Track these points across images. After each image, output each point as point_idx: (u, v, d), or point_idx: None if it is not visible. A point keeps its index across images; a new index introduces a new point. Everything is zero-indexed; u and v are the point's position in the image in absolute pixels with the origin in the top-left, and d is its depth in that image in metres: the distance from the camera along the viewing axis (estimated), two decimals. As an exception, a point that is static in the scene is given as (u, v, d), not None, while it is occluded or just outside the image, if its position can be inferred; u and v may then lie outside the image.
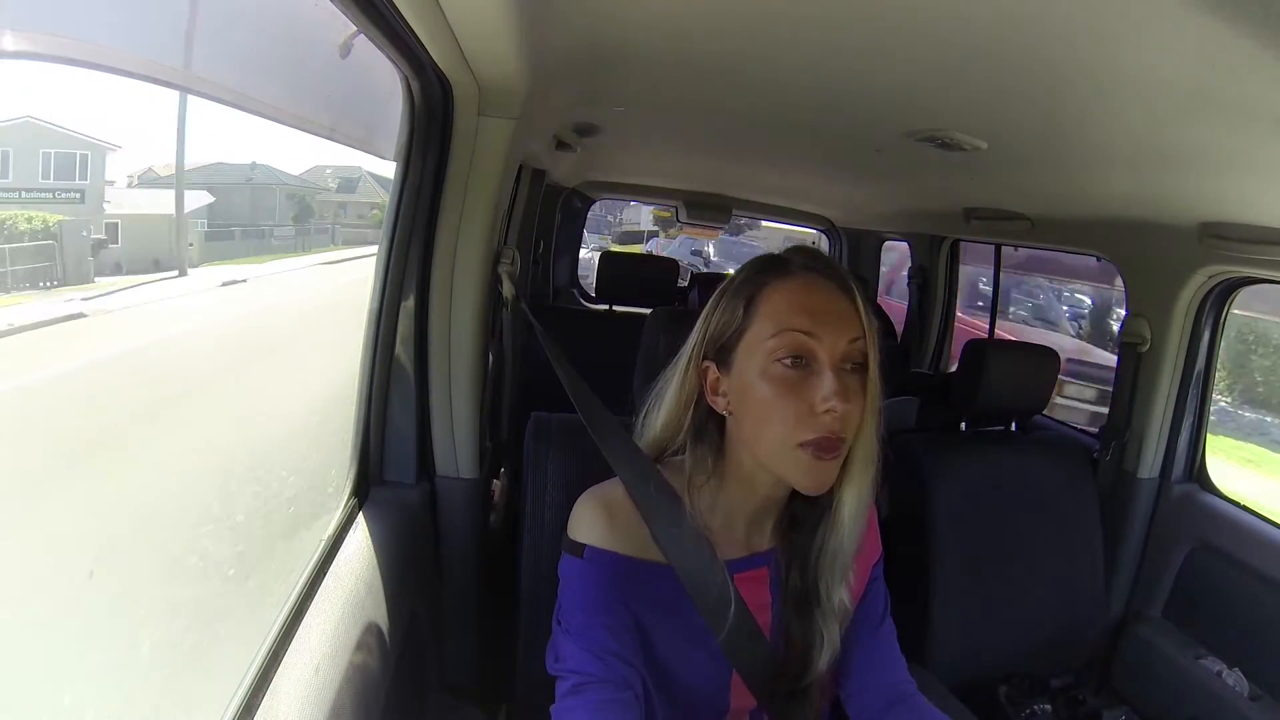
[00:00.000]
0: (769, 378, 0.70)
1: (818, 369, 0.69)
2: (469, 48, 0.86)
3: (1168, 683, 1.47)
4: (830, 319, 0.70)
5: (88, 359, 0.70)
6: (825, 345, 0.69)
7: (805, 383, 0.69)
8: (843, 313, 0.71)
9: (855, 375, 0.70)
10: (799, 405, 0.69)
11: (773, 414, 0.70)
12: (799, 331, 0.70)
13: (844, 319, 0.70)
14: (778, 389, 0.70)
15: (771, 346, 0.70)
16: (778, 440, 0.70)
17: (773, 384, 0.70)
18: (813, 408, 0.68)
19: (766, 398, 0.70)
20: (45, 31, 0.52)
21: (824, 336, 0.69)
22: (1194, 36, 0.62)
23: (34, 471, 0.56)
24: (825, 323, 0.70)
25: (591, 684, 0.70)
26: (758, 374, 0.71)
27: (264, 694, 0.63)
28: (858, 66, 0.94)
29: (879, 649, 0.85)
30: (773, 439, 0.70)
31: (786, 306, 0.71)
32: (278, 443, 1.03)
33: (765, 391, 0.70)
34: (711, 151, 2.16)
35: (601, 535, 0.75)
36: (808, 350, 0.70)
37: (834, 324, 0.70)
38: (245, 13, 0.79)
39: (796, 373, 0.70)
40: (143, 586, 0.66)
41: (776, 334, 0.70)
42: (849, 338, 0.70)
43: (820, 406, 0.68)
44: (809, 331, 0.69)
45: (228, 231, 0.95)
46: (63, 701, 0.52)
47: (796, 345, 0.70)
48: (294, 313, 1.19)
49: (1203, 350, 1.55)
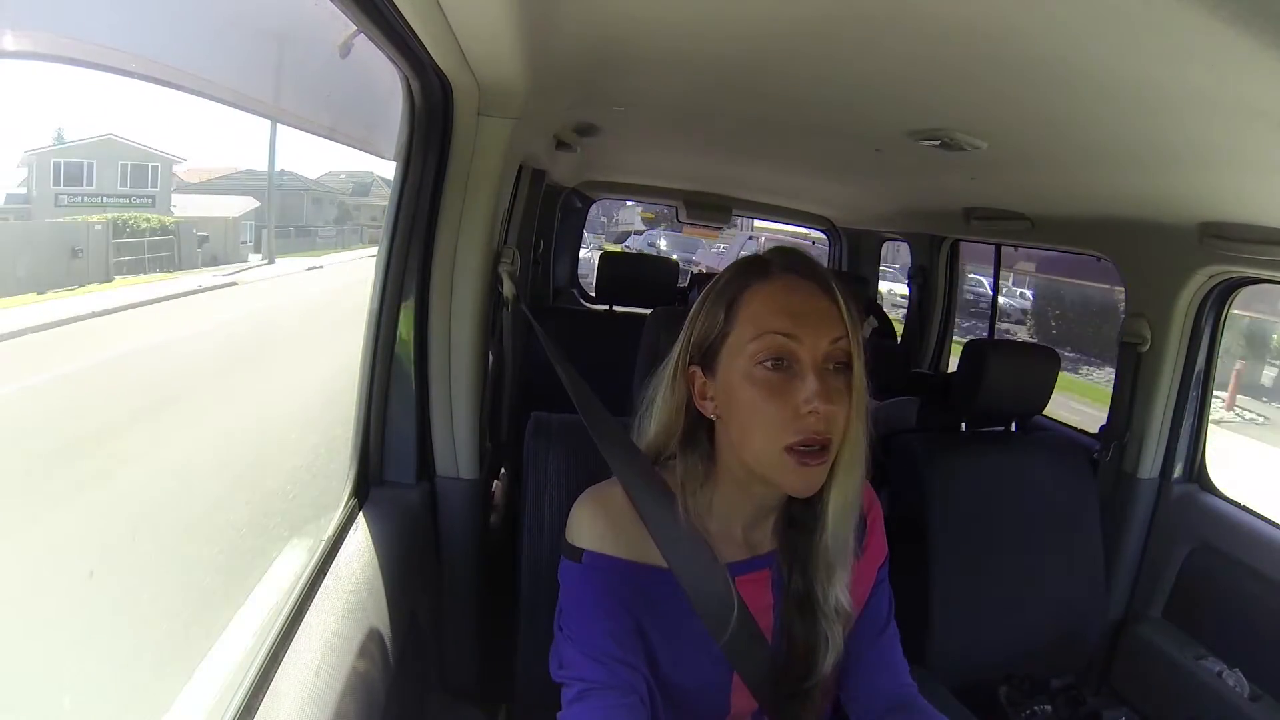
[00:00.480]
0: (752, 381, 0.70)
1: (800, 371, 0.69)
2: (469, 48, 0.86)
3: (1168, 683, 1.47)
4: (811, 320, 0.70)
5: (248, 309, 1.01)
6: (806, 346, 0.69)
7: (788, 385, 0.69)
8: (823, 313, 0.70)
9: (839, 375, 0.70)
10: (782, 408, 0.68)
11: (757, 417, 0.70)
12: (779, 334, 0.69)
13: (825, 319, 0.70)
14: (761, 392, 0.69)
15: (753, 350, 0.70)
16: (763, 444, 0.70)
17: (756, 387, 0.70)
18: (796, 410, 0.68)
19: (750, 401, 0.70)
20: (46, 31, 0.52)
21: (805, 338, 0.69)
22: (1194, 36, 0.62)
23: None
24: (806, 324, 0.69)
25: (596, 690, 0.70)
26: (741, 377, 0.71)
27: (264, 694, 0.63)
28: (858, 66, 0.94)
29: (882, 653, 0.84)
30: (758, 442, 0.70)
31: (766, 309, 0.71)
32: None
33: (749, 395, 0.70)
34: (711, 151, 2.16)
35: (600, 539, 0.75)
36: (789, 352, 0.69)
37: (814, 325, 0.69)
38: (245, 13, 0.79)
39: (779, 375, 0.69)
40: (143, 586, 0.66)
41: (757, 337, 0.70)
42: (831, 338, 0.69)
43: (803, 408, 0.67)
44: (789, 333, 0.69)
45: (283, 230, 1.19)
46: (63, 702, 0.52)
47: (777, 347, 0.69)
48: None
49: (1203, 350, 1.55)
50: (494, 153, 1.07)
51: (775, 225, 4.51)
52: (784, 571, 0.78)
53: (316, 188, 1.28)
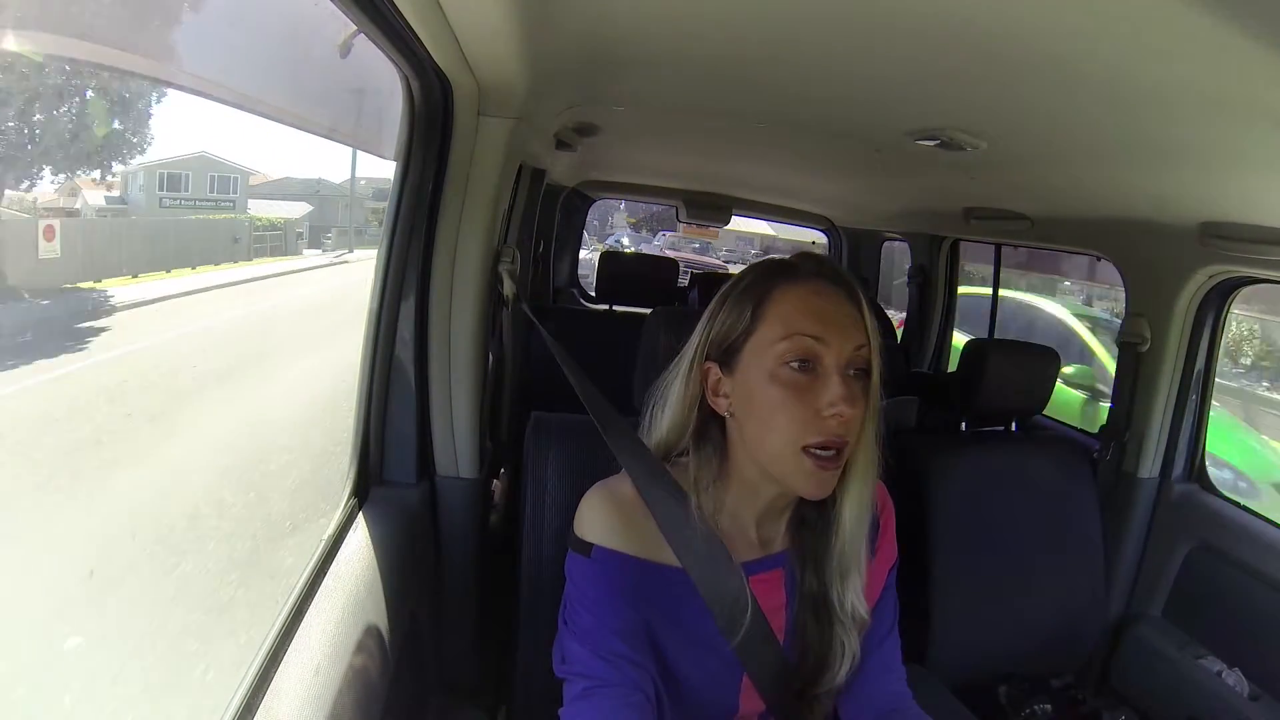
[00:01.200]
0: (776, 381, 0.71)
1: (824, 373, 0.70)
2: (469, 48, 0.86)
3: (1168, 683, 1.47)
4: (837, 325, 0.71)
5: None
6: (832, 350, 0.70)
7: (811, 387, 0.70)
8: (849, 319, 0.72)
9: (859, 381, 0.71)
10: (804, 409, 0.69)
11: (778, 417, 0.70)
12: (808, 336, 0.70)
13: (850, 325, 0.71)
14: (785, 392, 0.70)
15: (780, 350, 0.71)
16: (782, 443, 0.70)
17: (780, 387, 0.70)
18: (818, 412, 0.69)
19: (773, 400, 0.70)
20: (46, 32, 0.52)
21: (831, 342, 0.70)
22: (1195, 36, 0.62)
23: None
24: (833, 328, 0.70)
25: (602, 688, 0.70)
26: (765, 377, 0.71)
27: (264, 694, 0.63)
28: (858, 66, 0.94)
29: (882, 658, 0.84)
30: (777, 442, 0.70)
31: (796, 311, 0.72)
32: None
33: (772, 394, 0.71)
34: (711, 151, 2.16)
35: (611, 535, 0.75)
36: (815, 355, 0.70)
37: (841, 330, 0.71)
38: (245, 13, 0.79)
39: (804, 376, 0.70)
40: (143, 586, 0.66)
41: (786, 337, 0.71)
42: (855, 344, 0.71)
43: (827, 411, 0.68)
44: (818, 336, 0.70)
45: (325, 229, 1.68)
46: (63, 701, 0.52)
47: (805, 349, 0.70)
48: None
49: (1203, 350, 1.55)
50: (494, 152, 1.07)
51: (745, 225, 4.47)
52: (797, 572, 0.78)
53: (338, 193, 1.80)
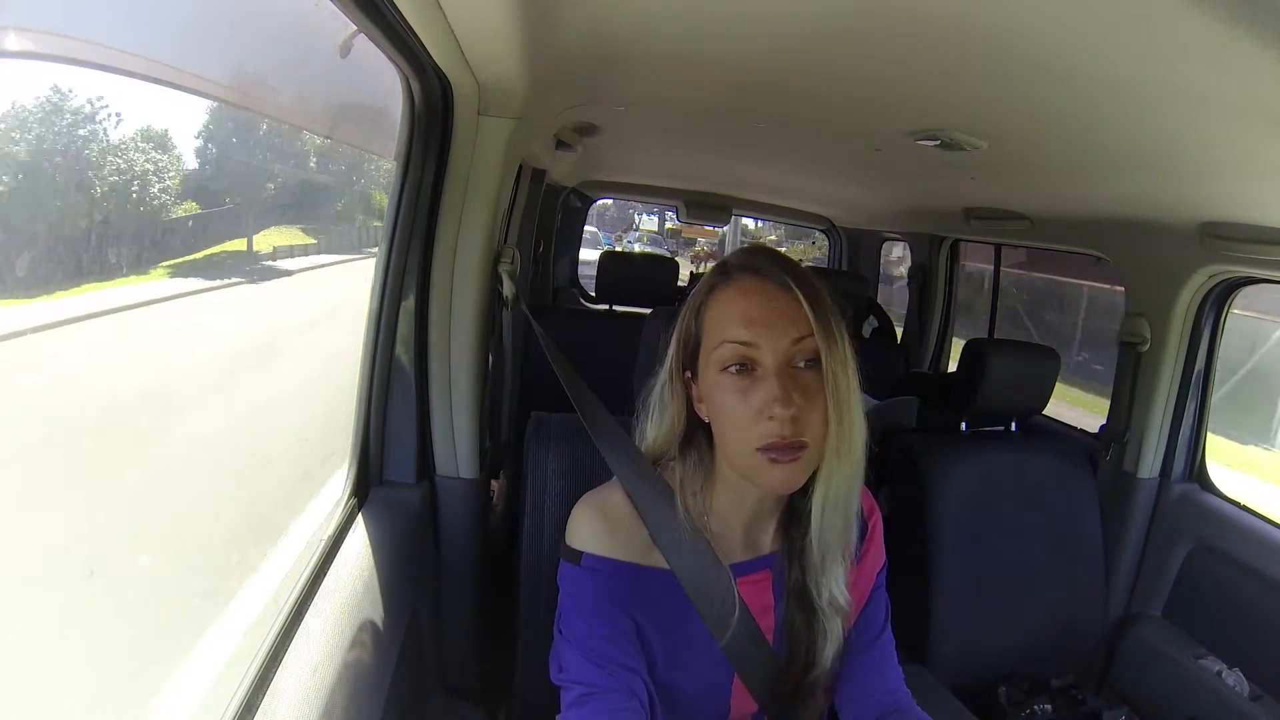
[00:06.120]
0: (720, 387, 0.70)
1: (762, 375, 0.68)
2: (469, 48, 0.86)
3: (1168, 683, 1.47)
4: (767, 323, 0.69)
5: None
6: (765, 350, 0.68)
7: (753, 389, 0.68)
8: (782, 313, 0.69)
9: (810, 372, 0.68)
10: (748, 412, 0.68)
11: (729, 422, 0.70)
12: (735, 342, 0.69)
13: (784, 319, 0.68)
14: (728, 397, 0.70)
15: (717, 358, 0.70)
16: (736, 446, 0.70)
17: (724, 393, 0.70)
18: (760, 414, 0.67)
19: (723, 406, 0.70)
20: (47, 32, 0.52)
21: (763, 342, 0.68)
22: (1194, 37, 0.62)
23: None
24: (762, 329, 0.68)
25: (596, 694, 0.70)
26: (714, 384, 0.71)
27: (264, 694, 0.63)
28: (858, 66, 0.94)
29: (876, 658, 0.84)
30: (732, 444, 0.70)
31: (724, 317, 0.71)
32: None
33: (719, 400, 0.70)
34: (711, 151, 2.16)
35: (599, 542, 0.75)
36: (749, 359, 0.69)
37: (772, 328, 0.68)
38: (245, 13, 0.79)
39: (744, 379, 0.69)
40: (143, 586, 0.66)
41: (718, 346, 0.70)
42: (792, 338, 0.68)
43: (765, 414, 0.67)
44: (746, 341, 0.69)
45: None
46: (63, 702, 0.52)
47: (737, 355, 0.69)
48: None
49: (1203, 350, 1.55)
50: (494, 152, 1.07)
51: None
52: (785, 571, 0.78)
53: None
